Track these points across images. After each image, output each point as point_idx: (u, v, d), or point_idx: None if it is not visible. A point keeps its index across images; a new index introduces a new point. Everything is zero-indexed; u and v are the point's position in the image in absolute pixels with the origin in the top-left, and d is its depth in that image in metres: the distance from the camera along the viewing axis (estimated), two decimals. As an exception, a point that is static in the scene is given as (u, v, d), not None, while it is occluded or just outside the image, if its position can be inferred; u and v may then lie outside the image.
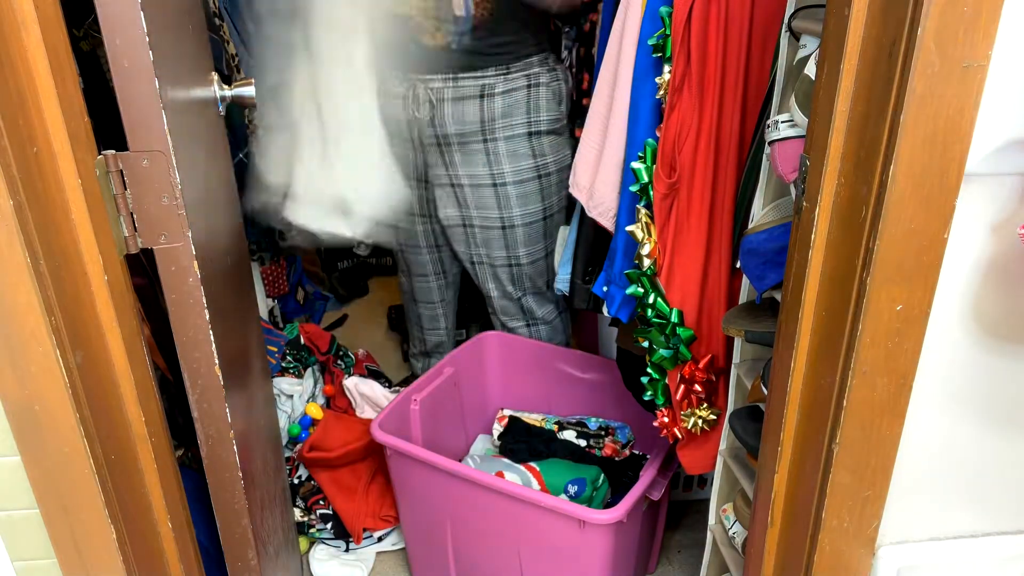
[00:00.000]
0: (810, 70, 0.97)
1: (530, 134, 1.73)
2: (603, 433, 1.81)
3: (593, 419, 1.87)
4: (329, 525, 1.83)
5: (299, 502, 1.84)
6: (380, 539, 1.88)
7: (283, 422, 1.92)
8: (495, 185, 1.75)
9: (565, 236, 1.70)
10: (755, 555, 1.06)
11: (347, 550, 1.86)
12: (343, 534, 1.84)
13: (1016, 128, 0.74)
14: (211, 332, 1.03)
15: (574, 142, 1.78)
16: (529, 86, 1.70)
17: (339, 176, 1.69)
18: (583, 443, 1.81)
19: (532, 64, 1.69)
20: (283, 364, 1.99)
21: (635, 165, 1.30)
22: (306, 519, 1.83)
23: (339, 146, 1.67)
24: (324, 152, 1.68)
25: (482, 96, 1.68)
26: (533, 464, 1.71)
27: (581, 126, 1.73)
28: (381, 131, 1.70)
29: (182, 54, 1.04)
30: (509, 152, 1.72)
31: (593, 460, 1.76)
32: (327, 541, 1.86)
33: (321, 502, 1.84)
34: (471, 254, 1.86)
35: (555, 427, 1.87)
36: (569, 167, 1.78)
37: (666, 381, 1.38)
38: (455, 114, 1.70)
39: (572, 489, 1.61)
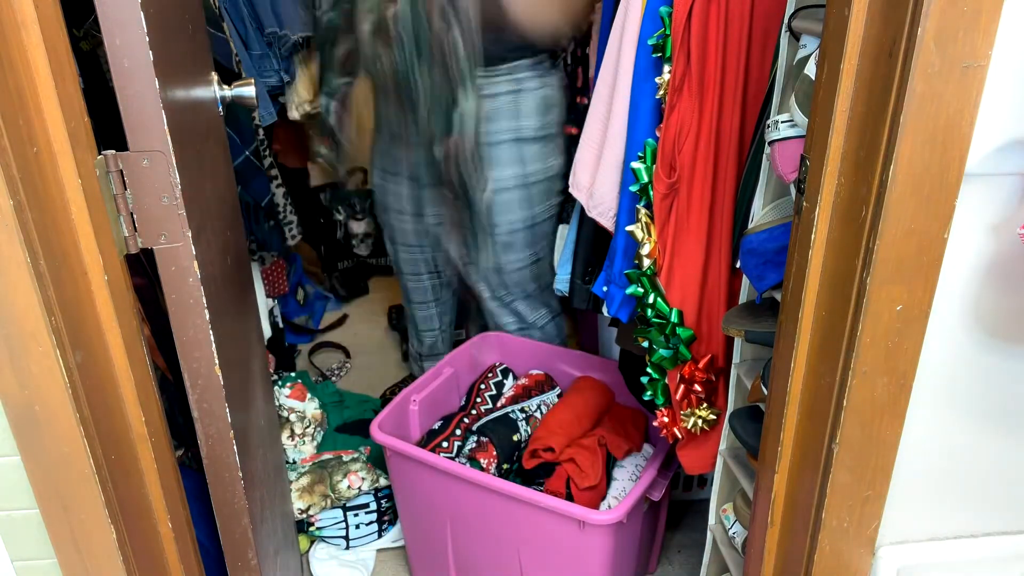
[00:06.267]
0: (810, 70, 0.96)
1: (516, 140, 1.67)
2: None
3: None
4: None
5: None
6: (380, 535, 1.88)
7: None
8: (479, 191, 1.69)
9: (564, 235, 1.70)
10: (755, 555, 1.06)
11: (347, 548, 1.86)
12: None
13: (1016, 128, 0.74)
14: (211, 332, 1.03)
15: (566, 141, 1.77)
16: (515, 91, 1.63)
17: None
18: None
19: (519, 68, 1.63)
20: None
21: (635, 165, 1.30)
22: (305, 517, 1.83)
23: None
24: None
25: None
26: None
27: (576, 124, 1.70)
28: None
29: (182, 54, 1.04)
30: (492, 159, 1.66)
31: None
32: (327, 539, 1.86)
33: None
34: (460, 255, 1.83)
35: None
36: (558, 176, 1.76)
37: (666, 381, 1.38)
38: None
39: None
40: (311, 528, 1.84)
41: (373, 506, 1.87)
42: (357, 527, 1.85)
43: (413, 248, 1.94)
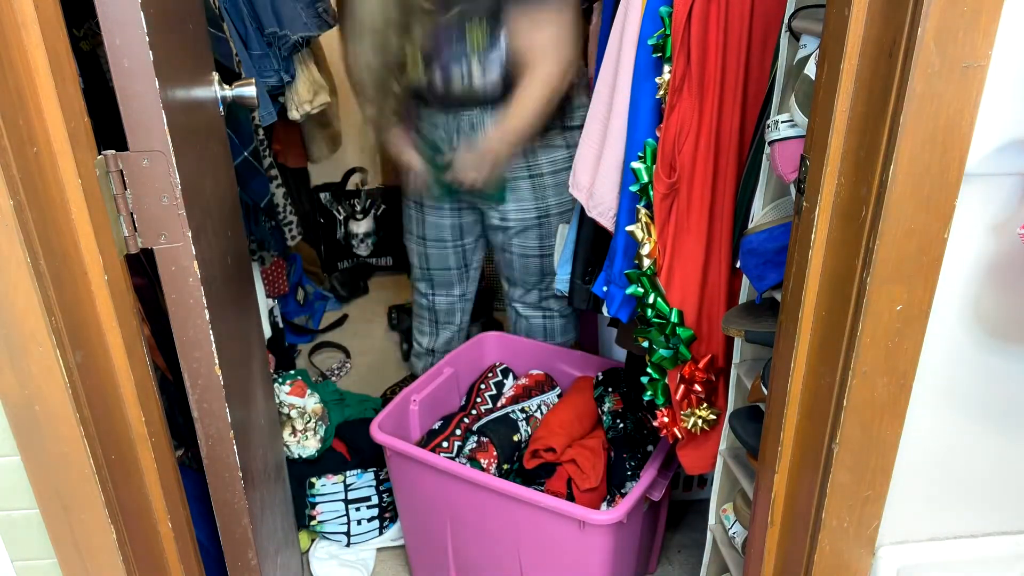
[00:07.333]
0: (810, 70, 0.96)
1: (563, 128, 1.78)
2: None
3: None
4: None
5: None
6: (382, 532, 1.89)
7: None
8: (531, 176, 1.78)
9: (565, 235, 1.70)
10: (755, 555, 1.06)
11: (348, 545, 1.86)
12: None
13: (1016, 128, 0.74)
14: (211, 332, 1.03)
15: None
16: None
17: None
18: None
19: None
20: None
21: (635, 165, 1.30)
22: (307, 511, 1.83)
23: None
24: None
25: None
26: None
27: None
28: None
29: (182, 54, 1.04)
30: (542, 143, 1.75)
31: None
32: (329, 536, 1.86)
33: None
34: (503, 242, 1.89)
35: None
36: None
37: (666, 381, 1.38)
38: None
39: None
40: (313, 523, 1.84)
41: (375, 499, 1.87)
42: (359, 523, 1.86)
43: (444, 211, 1.93)
